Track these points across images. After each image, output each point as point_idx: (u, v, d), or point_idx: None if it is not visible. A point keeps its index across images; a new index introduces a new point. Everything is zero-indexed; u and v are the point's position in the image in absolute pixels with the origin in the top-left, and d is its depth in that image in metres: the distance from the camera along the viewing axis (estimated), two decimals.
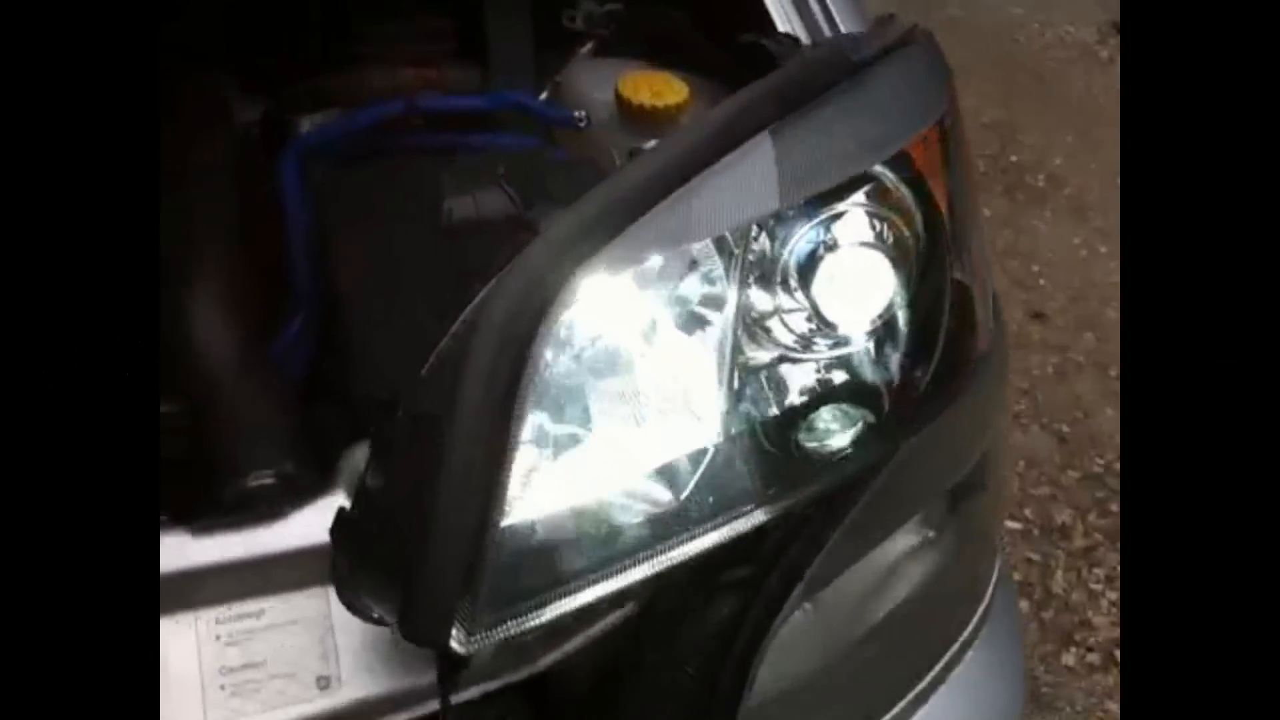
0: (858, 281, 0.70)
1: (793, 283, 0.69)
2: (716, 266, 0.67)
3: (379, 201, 1.08)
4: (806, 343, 0.72)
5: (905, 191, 0.71)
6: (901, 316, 0.74)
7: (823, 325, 0.71)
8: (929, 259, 0.74)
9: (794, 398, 0.72)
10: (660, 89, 1.07)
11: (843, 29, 1.02)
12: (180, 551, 0.74)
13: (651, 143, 1.09)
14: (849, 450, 0.74)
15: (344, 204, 1.08)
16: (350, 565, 0.67)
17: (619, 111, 1.08)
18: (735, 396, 0.70)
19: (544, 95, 1.22)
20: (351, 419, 0.92)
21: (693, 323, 0.68)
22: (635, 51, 1.19)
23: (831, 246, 0.69)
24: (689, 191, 0.60)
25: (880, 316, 0.72)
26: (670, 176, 0.60)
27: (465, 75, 1.24)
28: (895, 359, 0.75)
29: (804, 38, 1.00)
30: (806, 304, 0.70)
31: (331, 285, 1.06)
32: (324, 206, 1.09)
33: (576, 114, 1.12)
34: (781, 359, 0.72)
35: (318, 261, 1.09)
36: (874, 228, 0.70)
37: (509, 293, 0.57)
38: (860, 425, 0.74)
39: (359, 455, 0.78)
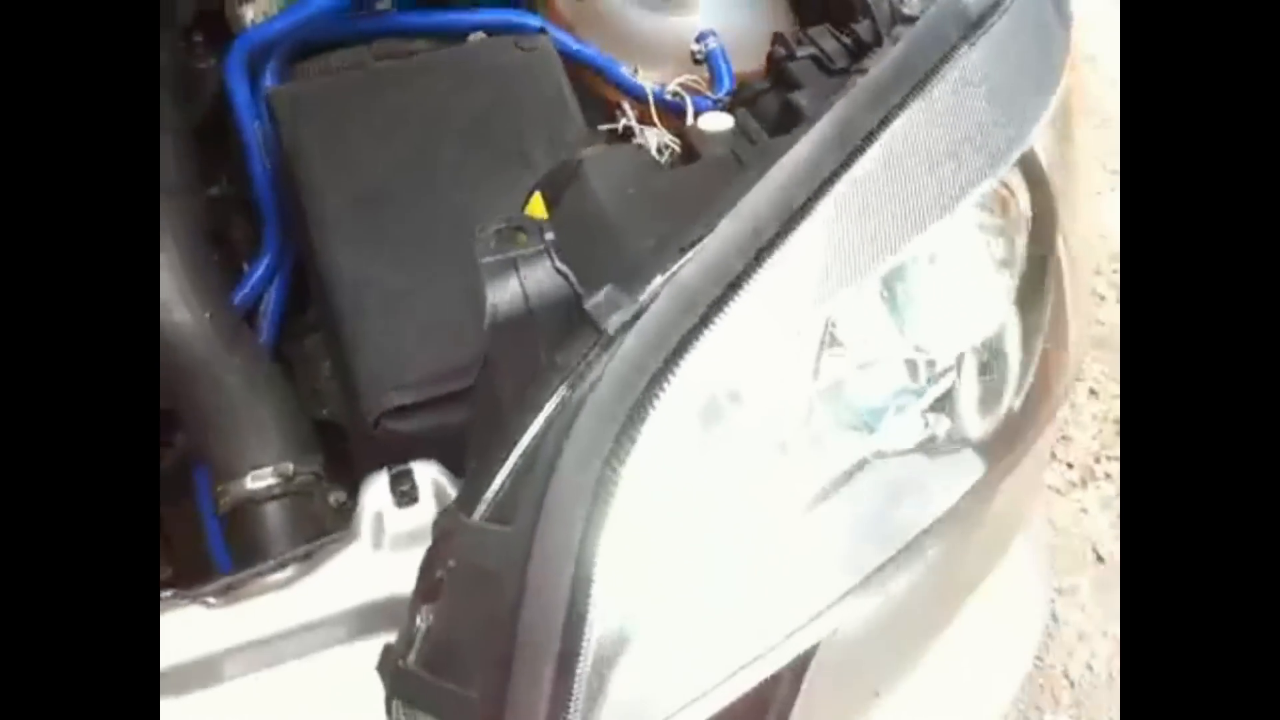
0: (961, 304, 0.61)
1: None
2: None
3: (357, 129, 0.89)
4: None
5: (1020, 193, 0.62)
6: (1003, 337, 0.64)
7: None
8: (1037, 269, 0.64)
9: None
10: None
11: None
12: (187, 635, 0.63)
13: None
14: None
15: (314, 125, 0.89)
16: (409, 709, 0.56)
17: None
18: None
19: None
20: (351, 402, 0.79)
21: None
22: None
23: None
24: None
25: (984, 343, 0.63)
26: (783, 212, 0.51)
27: None
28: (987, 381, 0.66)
29: None
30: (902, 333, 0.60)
31: (306, 228, 0.86)
32: (289, 129, 0.89)
33: None
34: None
35: (287, 193, 0.91)
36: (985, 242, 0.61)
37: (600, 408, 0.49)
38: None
39: (377, 491, 0.68)
